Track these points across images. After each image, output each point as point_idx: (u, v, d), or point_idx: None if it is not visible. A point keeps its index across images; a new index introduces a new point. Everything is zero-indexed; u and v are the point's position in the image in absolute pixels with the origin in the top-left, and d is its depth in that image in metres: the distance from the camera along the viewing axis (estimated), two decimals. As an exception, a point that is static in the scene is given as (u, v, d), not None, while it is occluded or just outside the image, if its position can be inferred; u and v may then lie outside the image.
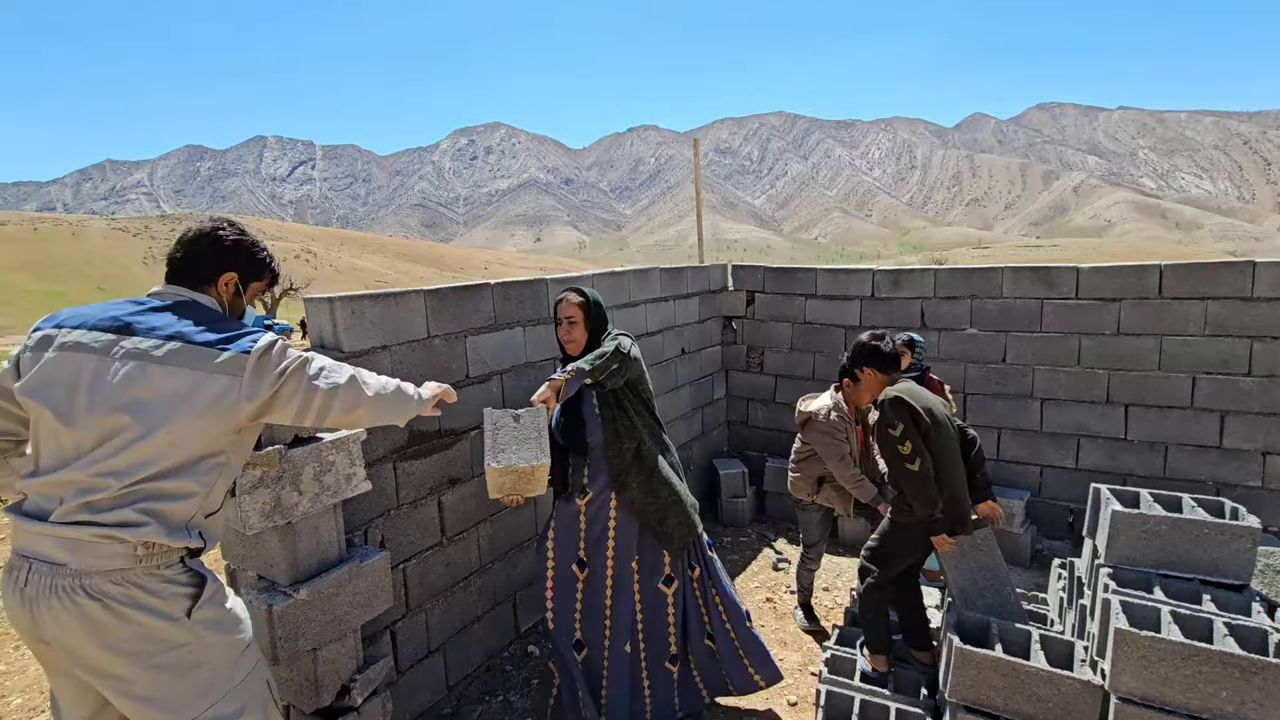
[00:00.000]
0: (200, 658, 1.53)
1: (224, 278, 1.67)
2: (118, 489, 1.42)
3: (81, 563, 1.41)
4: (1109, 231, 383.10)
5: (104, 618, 1.42)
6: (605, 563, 2.57)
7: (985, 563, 2.67)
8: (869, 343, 2.75)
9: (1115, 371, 4.15)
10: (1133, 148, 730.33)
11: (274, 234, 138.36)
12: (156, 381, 1.45)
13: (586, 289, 2.61)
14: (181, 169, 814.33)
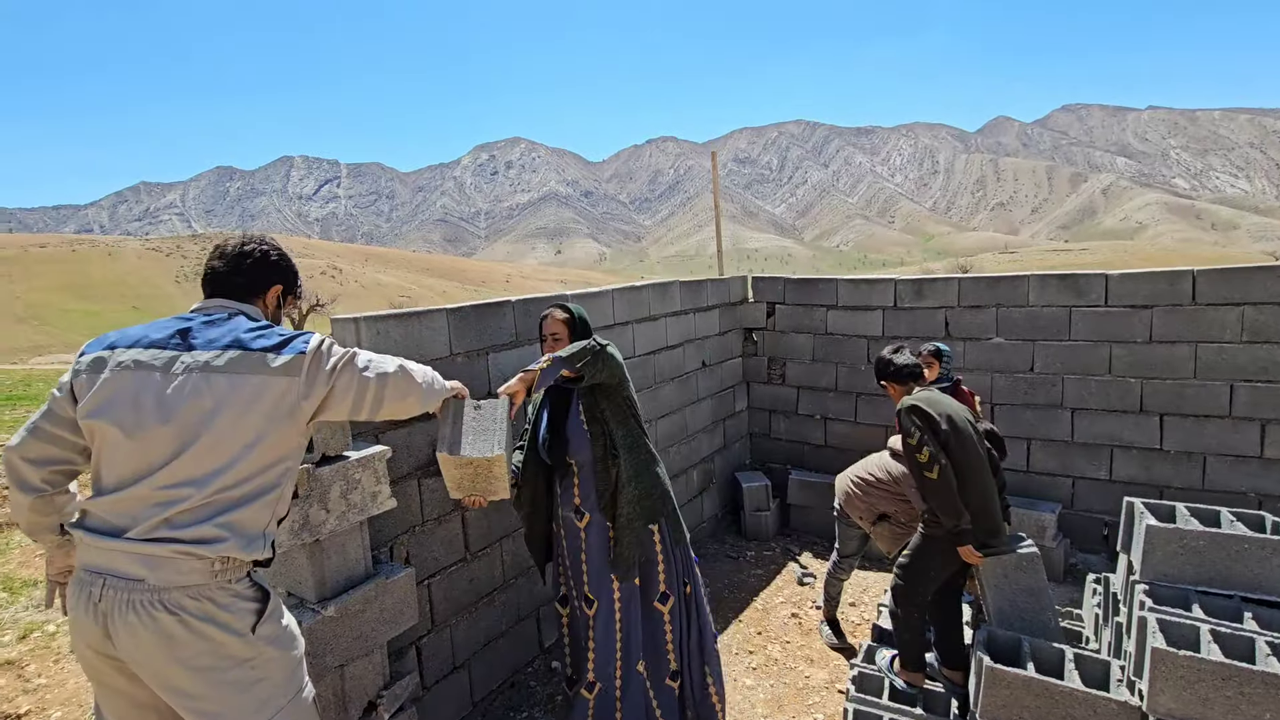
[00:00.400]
0: (261, 674, 1.56)
1: (272, 290, 1.76)
2: (199, 500, 1.47)
3: (160, 579, 1.45)
4: (1141, 234, 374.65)
5: (180, 632, 1.46)
6: (611, 591, 2.48)
7: (1028, 585, 2.59)
8: (882, 356, 2.81)
9: (1149, 380, 4.05)
10: (1164, 148, 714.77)
11: (301, 251, 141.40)
12: (220, 390, 1.50)
13: (572, 305, 2.62)
14: (212, 189, 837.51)
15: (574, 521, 2.54)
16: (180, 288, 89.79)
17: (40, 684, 3.23)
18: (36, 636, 3.66)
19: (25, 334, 63.80)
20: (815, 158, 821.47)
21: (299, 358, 1.56)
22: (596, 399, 2.47)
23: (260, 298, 1.74)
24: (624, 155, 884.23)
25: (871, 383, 4.81)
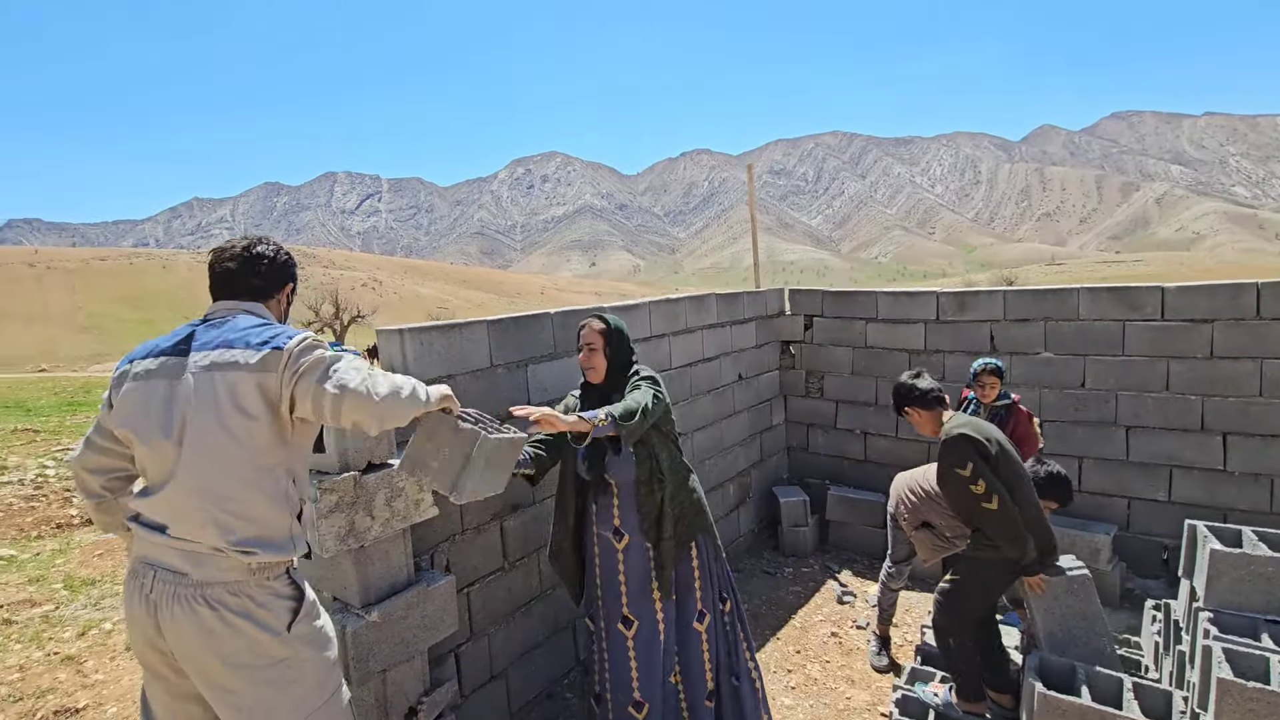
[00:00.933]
0: (296, 673, 1.60)
1: (285, 289, 1.81)
2: (213, 509, 1.52)
3: (202, 574, 1.52)
4: (1198, 244, 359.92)
5: (219, 627, 1.51)
6: (654, 611, 2.43)
7: (1080, 609, 2.48)
8: (904, 382, 2.65)
9: (1210, 398, 3.87)
10: (1222, 155, 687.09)
11: (343, 264, 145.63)
12: (203, 392, 1.53)
13: (610, 317, 2.52)
14: (260, 204, 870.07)
15: (611, 542, 2.47)
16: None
17: (97, 679, 3.36)
18: (94, 634, 3.81)
19: (86, 343, 67.03)
20: (852, 169, 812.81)
21: (276, 353, 1.55)
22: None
23: (275, 298, 1.78)
24: (659, 168, 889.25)
25: (913, 397, 4.71)
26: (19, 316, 77.33)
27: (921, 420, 2.64)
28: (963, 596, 2.56)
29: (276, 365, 1.54)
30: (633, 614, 2.44)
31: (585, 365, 2.47)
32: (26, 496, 6.36)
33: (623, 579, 2.46)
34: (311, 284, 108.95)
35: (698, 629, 2.47)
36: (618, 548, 2.45)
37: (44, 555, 5.03)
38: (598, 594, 2.53)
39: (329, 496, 2.02)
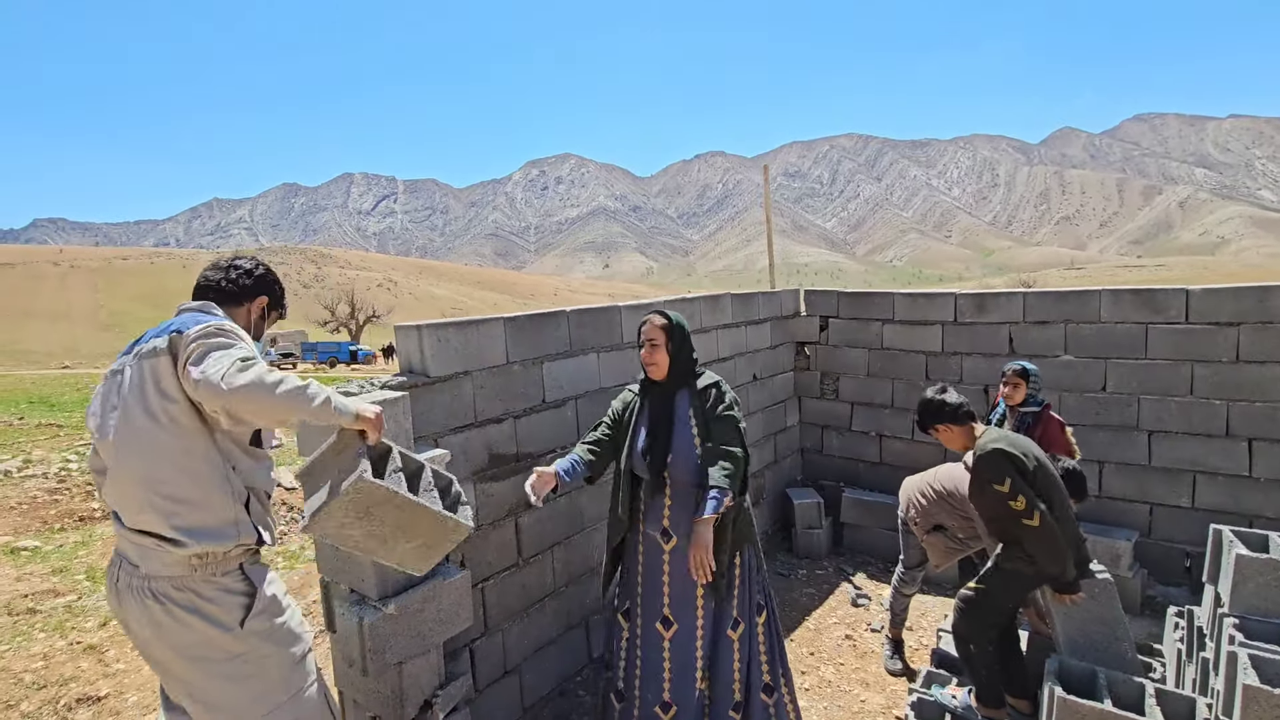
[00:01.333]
0: (254, 669, 1.60)
1: (257, 301, 1.85)
2: (146, 498, 1.54)
3: (148, 568, 1.56)
4: (1223, 249, 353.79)
5: (165, 620, 1.54)
6: (695, 615, 2.39)
7: (1101, 615, 2.44)
8: (932, 399, 2.56)
9: (1235, 403, 3.80)
10: (1247, 158, 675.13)
11: (359, 264, 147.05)
12: (135, 379, 1.58)
13: (672, 313, 2.47)
14: (278, 205, 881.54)
15: (658, 542, 2.41)
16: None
17: (119, 669, 3.41)
18: (116, 624, 3.87)
19: (108, 341, 68.21)
20: (868, 171, 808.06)
21: (177, 337, 1.55)
22: (710, 422, 2.35)
23: (244, 306, 1.81)
24: (672, 170, 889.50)
25: (930, 399, 4.67)
26: (44, 314, 78.91)
27: (952, 436, 2.55)
28: (987, 605, 2.52)
29: (175, 349, 1.57)
30: (673, 616, 2.40)
31: (647, 361, 2.42)
32: (50, 490, 6.48)
33: (666, 580, 2.41)
34: (328, 284, 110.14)
35: (730, 637, 2.42)
36: (664, 548, 2.40)
37: (67, 547, 5.12)
38: (637, 591, 2.48)
39: (347, 489, 2.03)
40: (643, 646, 2.46)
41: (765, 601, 2.49)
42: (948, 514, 3.01)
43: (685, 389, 2.42)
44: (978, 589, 2.54)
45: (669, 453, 2.35)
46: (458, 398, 2.62)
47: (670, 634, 2.41)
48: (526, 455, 2.93)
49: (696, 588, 2.37)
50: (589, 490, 3.26)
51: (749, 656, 2.44)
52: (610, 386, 3.37)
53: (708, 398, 2.37)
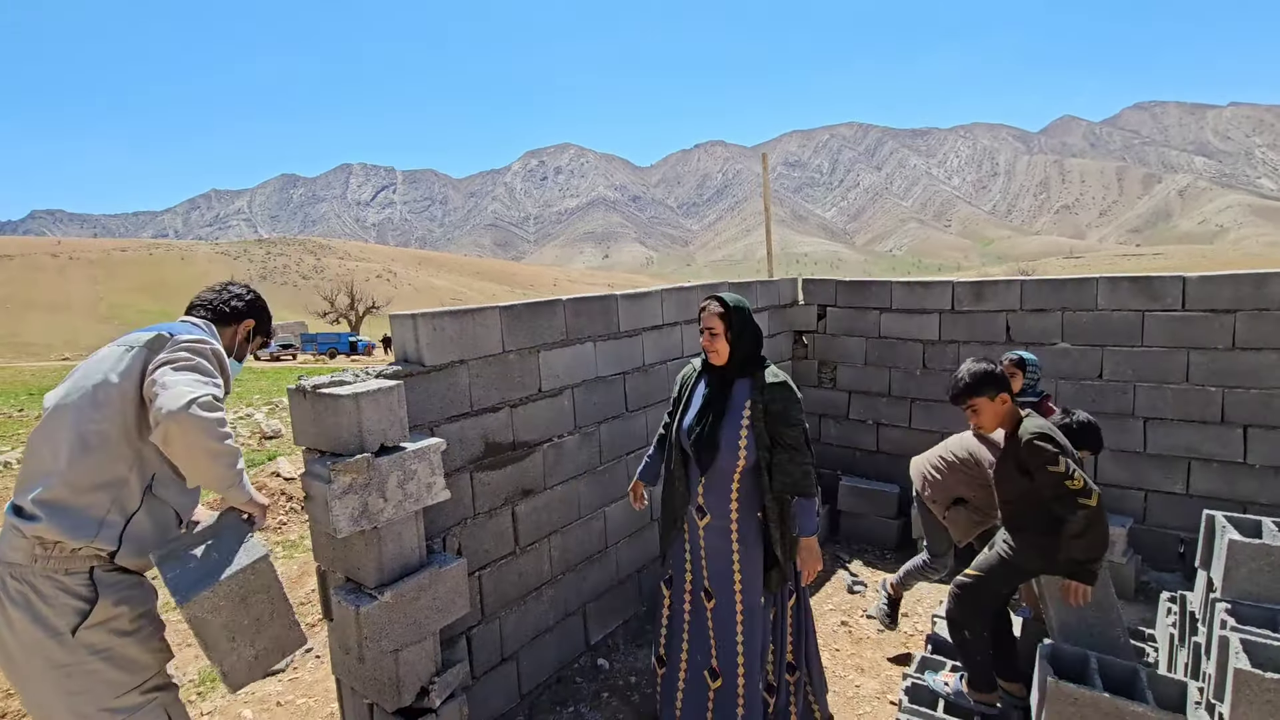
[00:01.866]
0: (80, 685, 1.49)
1: (244, 324, 1.98)
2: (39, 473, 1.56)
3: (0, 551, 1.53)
4: (1221, 237, 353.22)
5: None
6: (733, 589, 2.42)
7: (1096, 599, 2.44)
8: (985, 367, 2.39)
9: (1231, 390, 3.81)
10: (1247, 146, 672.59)
11: (358, 255, 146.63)
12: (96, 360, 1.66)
13: (729, 297, 2.40)
14: (277, 196, 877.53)
15: (694, 517, 2.47)
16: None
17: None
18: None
19: (107, 332, 68.06)
20: (867, 160, 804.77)
21: (166, 337, 1.66)
22: (778, 425, 2.32)
23: (232, 327, 1.95)
24: (672, 160, 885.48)
25: (928, 388, 4.68)
26: (43, 306, 78.75)
27: (993, 411, 2.38)
28: (984, 591, 2.52)
29: (157, 346, 1.65)
30: (713, 590, 2.46)
31: (708, 349, 2.39)
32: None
33: (703, 554, 2.46)
34: (327, 275, 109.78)
35: (766, 619, 2.47)
36: (699, 524, 2.45)
37: (67, 537, 5.15)
38: (685, 562, 2.54)
39: (342, 477, 2.04)
40: (691, 614, 2.54)
41: (795, 586, 2.53)
42: (965, 485, 2.99)
43: (747, 379, 2.37)
44: (976, 576, 2.54)
45: (715, 440, 2.34)
46: (454, 387, 2.62)
47: (711, 605, 2.48)
48: (523, 444, 2.93)
49: (733, 565, 2.42)
50: (586, 479, 3.27)
51: (780, 638, 2.51)
52: (608, 375, 3.37)
53: (773, 398, 2.31)
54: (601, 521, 3.39)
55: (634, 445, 3.58)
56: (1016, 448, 2.34)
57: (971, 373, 2.39)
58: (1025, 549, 2.42)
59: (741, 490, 2.36)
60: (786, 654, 2.53)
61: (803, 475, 2.30)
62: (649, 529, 3.72)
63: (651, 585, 3.74)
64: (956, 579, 2.60)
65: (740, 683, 2.43)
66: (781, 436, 2.31)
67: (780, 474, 2.30)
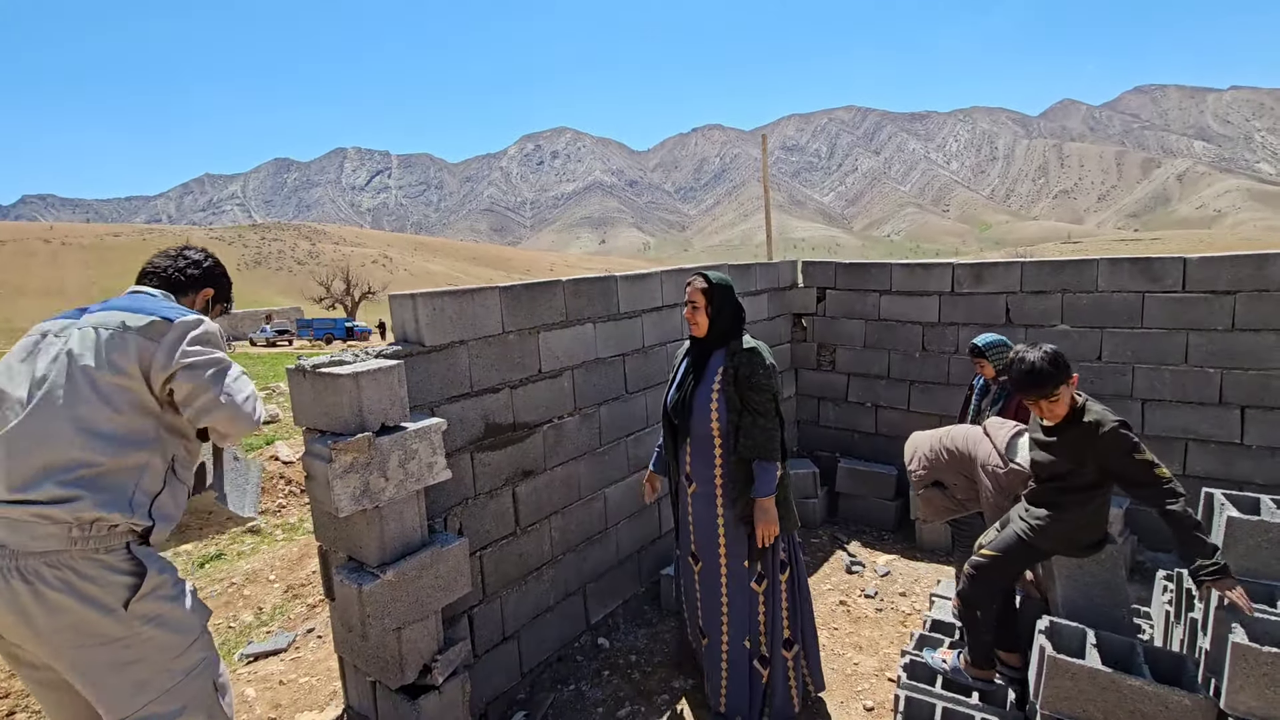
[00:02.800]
0: (136, 654, 1.53)
1: (203, 293, 1.88)
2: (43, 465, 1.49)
3: (18, 542, 1.44)
4: (1219, 222, 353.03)
5: (34, 606, 1.44)
6: (717, 555, 2.56)
7: (1105, 579, 2.43)
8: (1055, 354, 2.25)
9: (1229, 371, 3.82)
10: (1247, 130, 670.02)
11: (353, 240, 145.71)
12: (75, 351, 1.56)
13: (713, 275, 2.55)
14: (270, 180, 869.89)
15: (684, 485, 2.63)
16: (241, 274, 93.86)
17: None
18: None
19: (103, 318, 67.74)
20: (866, 144, 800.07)
21: (162, 324, 1.60)
22: (742, 389, 2.43)
23: (189, 297, 1.84)
24: (669, 144, 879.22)
25: (927, 370, 4.68)
26: (35, 292, 78.22)
27: (1061, 400, 2.25)
28: (1001, 570, 2.49)
29: (155, 333, 1.59)
30: (699, 554, 2.61)
31: (689, 320, 2.55)
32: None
33: (690, 521, 2.63)
34: (323, 261, 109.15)
35: (755, 590, 2.56)
36: (688, 491, 2.61)
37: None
38: (683, 529, 2.72)
39: (343, 456, 2.04)
40: (683, 576, 2.74)
41: (790, 559, 2.61)
42: (951, 473, 3.00)
43: (723, 349, 2.51)
44: (993, 556, 2.49)
45: (689, 405, 2.51)
46: (453, 367, 2.61)
47: (698, 569, 2.62)
48: (523, 425, 2.93)
49: (717, 531, 2.54)
50: (586, 460, 3.27)
51: (773, 611, 2.57)
52: (608, 356, 3.36)
53: (741, 362, 2.44)
54: (601, 502, 3.40)
55: (634, 427, 3.58)
56: (1081, 434, 2.22)
57: (1051, 359, 2.21)
58: (1050, 530, 2.36)
59: (725, 458, 2.48)
60: (783, 628, 2.58)
61: (766, 439, 2.38)
62: (649, 510, 3.73)
63: (651, 565, 3.76)
64: (971, 559, 2.56)
65: (724, 646, 2.55)
66: (748, 401, 2.42)
67: (745, 436, 2.40)
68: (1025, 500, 2.52)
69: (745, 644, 2.57)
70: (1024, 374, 2.24)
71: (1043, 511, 2.41)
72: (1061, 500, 2.36)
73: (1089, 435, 2.21)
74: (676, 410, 2.56)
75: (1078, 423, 2.25)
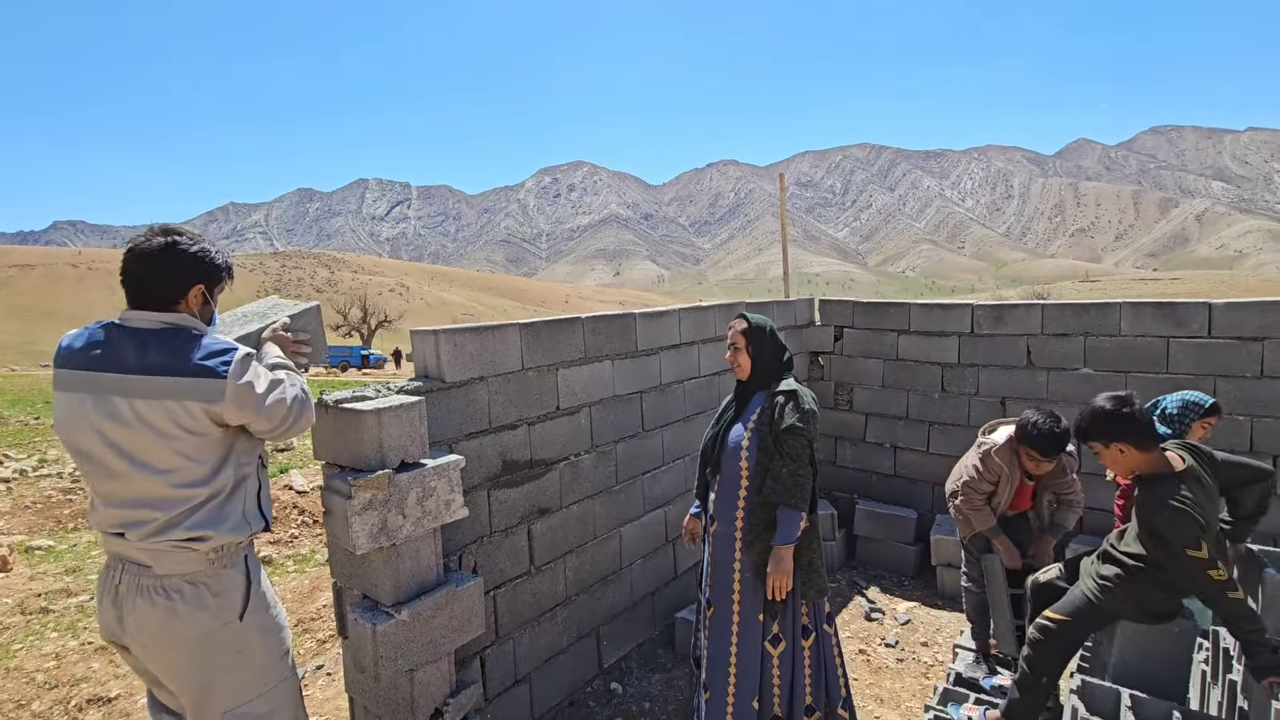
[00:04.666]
0: (245, 660, 1.69)
1: (192, 291, 1.67)
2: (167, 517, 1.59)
3: (163, 568, 1.60)
4: (1241, 263, 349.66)
5: (169, 619, 1.60)
6: (730, 604, 2.44)
7: (1169, 654, 2.30)
8: (1120, 409, 2.14)
9: (1260, 419, 3.73)
10: (1266, 171, 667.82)
11: (371, 269, 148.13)
12: (135, 416, 1.55)
13: (753, 316, 2.52)
14: (293, 210, 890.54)
15: (707, 524, 2.57)
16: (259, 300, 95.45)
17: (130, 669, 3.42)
18: (128, 624, 3.88)
19: (126, 341, 68.94)
20: (881, 181, 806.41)
21: (216, 382, 1.56)
22: (777, 433, 2.34)
23: (181, 301, 1.66)
24: (684, 178, 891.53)
25: (947, 412, 4.63)
26: (62, 315, 79.98)
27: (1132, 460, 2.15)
28: (1070, 636, 2.33)
29: (220, 394, 1.57)
30: (713, 599, 2.49)
31: (732, 362, 2.52)
32: (64, 489, 6.54)
33: (710, 561, 2.53)
34: (341, 289, 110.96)
35: (770, 651, 2.40)
36: (710, 531, 2.54)
37: (80, 547, 5.16)
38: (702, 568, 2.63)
39: (363, 493, 2.03)
40: (700, 617, 2.61)
41: (814, 625, 2.44)
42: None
43: (764, 390, 2.47)
44: (1062, 621, 2.33)
45: (722, 442, 2.48)
46: (473, 403, 2.62)
47: (710, 613, 2.50)
48: (540, 462, 2.91)
49: (732, 575, 2.43)
50: (602, 498, 3.25)
51: (792, 675, 2.41)
52: (625, 394, 3.36)
53: (777, 403, 2.38)
54: (617, 542, 3.35)
55: (650, 465, 3.55)
56: (1149, 506, 2.08)
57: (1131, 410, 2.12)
58: (1118, 592, 2.23)
59: (749, 499, 2.39)
60: (804, 694, 2.42)
61: (794, 484, 2.28)
62: (664, 550, 3.68)
63: (666, 608, 3.69)
64: (1038, 622, 2.39)
65: (729, 703, 2.40)
66: (782, 444, 2.33)
67: (773, 479, 2.31)
68: (1098, 557, 2.42)
69: (754, 704, 2.38)
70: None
71: (1111, 570, 2.28)
72: (1129, 564, 2.23)
73: (1151, 506, 2.05)
74: (709, 447, 2.55)
75: (1148, 483, 2.12)
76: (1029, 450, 2.83)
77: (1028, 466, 2.91)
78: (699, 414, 3.90)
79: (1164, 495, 2.05)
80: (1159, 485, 2.10)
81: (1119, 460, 2.17)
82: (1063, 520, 3.08)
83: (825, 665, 2.49)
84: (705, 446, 2.58)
